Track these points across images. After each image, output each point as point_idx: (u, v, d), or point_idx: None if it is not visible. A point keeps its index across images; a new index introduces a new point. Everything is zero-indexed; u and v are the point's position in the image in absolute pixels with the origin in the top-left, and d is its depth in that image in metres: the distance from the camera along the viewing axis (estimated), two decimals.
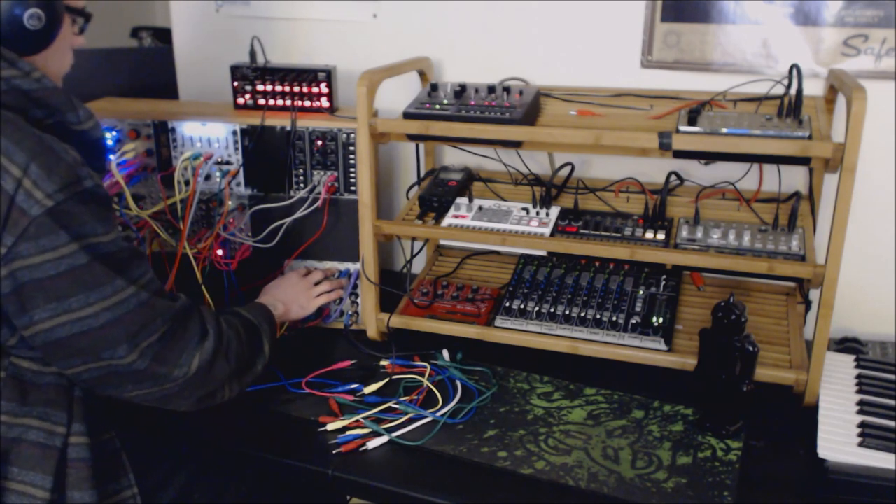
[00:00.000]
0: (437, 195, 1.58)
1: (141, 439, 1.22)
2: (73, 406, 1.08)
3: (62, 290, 0.97)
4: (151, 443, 1.28)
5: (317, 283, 1.56)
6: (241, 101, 1.63)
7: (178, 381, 1.07)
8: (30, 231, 0.94)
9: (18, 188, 0.94)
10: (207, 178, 1.57)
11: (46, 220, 0.95)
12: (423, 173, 1.75)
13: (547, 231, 1.46)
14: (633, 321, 1.45)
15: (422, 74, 1.72)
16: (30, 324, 0.98)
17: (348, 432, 1.26)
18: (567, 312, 1.47)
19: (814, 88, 1.53)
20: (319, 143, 1.55)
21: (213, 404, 1.16)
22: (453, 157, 1.83)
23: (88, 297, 0.98)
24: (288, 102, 1.61)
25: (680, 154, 1.34)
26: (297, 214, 1.57)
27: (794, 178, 1.58)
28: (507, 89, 1.51)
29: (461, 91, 1.51)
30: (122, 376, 1.04)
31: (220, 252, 1.59)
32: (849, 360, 1.42)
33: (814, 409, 1.27)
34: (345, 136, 1.54)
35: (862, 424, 1.21)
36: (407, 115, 1.47)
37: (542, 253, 1.62)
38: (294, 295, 1.50)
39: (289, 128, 1.55)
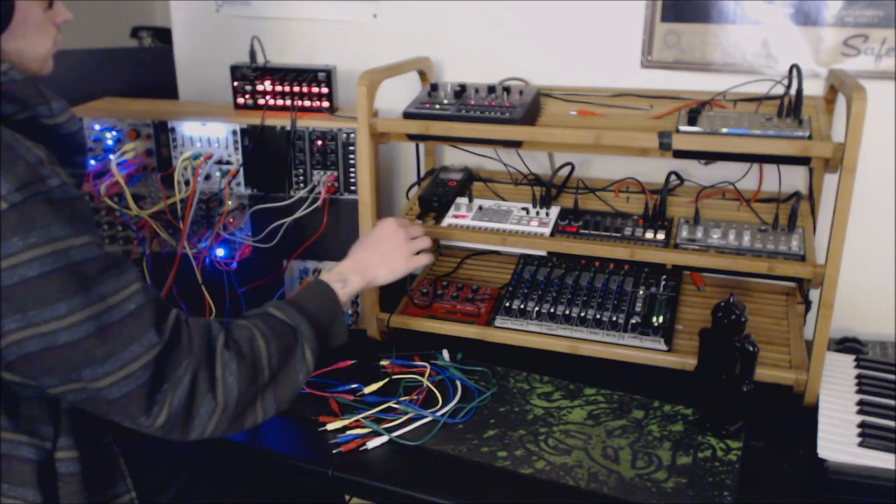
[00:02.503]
0: (437, 195, 1.58)
1: (139, 440, 1.21)
2: (61, 419, 1.01)
3: (21, 301, 0.88)
4: (150, 444, 1.28)
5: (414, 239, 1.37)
6: (241, 101, 1.63)
7: (147, 429, 0.96)
8: None
9: None
10: (207, 178, 1.57)
11: (2, 223, 0.86)
12: (423, 173, 1.75)
13: (547, 231, 1.46)
14: (633, 321, 1.45)
15: (422, 74, 1.72)
16: (1, 335, 0.90)
17: (348, 432, 1.26)
18: (567, 312, 1.48)
19: (814, 88, 1.53)
20: (319, 143, 1.55)
21: (241, 429, 1.04)
22: (453, 157, 1.83)
23: (43, 312, 0.88)
24: (288, 102, 1.61)
25: (680, 154, 1.35)
26: (297, 214, 1.57)
27: (794, 178, 1.58)
28: (507, 89, 1.51)
29: (461, 91, 1.51)
30: (101, 403, 0.94)
31: (220, 252, 1.59)
32: (849, 360, 1.42)
33: (814, 409, 1.27)
34: (345, 136, 1.54)
35: (862, 424, 1.21)
36: (407, 115, 1.47)
37: (542, 253, 1.62)
38: (383, 255, 1.31)
39: (289, 128, 1.55)
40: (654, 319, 1.45)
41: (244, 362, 1.02)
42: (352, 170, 1.56)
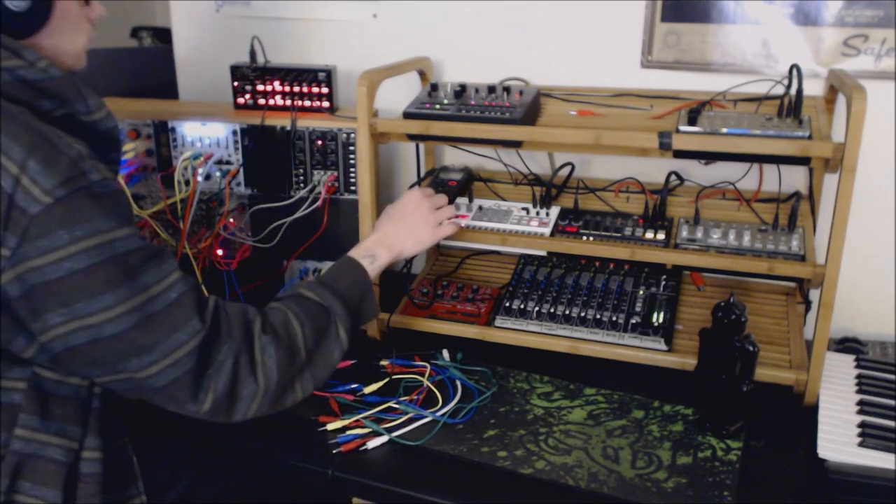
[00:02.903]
0: None
1: (146, 440, 1.21)
2: (90, 419, 1.03)
3: (67, 294, 0.90)
4: (156, 444, 1.28)
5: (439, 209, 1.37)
6: (241, 101, 1.63)
7: (193, 414, 0.99)
8: (30, 231, 0.88)
9: (17, 186, 0.88)
10: (207, 178, 1.57)
11: (46, 218, 0.88)
12: (423, 173, 1.75)
13: (547, 231, 1.46)
14: (633, 321, 1.45)
15: (422, 74, 1.72)
16: (44, 329, 0.92)
17: (348, 432, 1.26)
18: (567, 312, 1.48)
19: (814, 88, 1.53)
20: (319, 143, 1.55)
21: (282, 407, 1.07)
22: (453, 157, 1.83)
23: (90, 304, 0.90)
24: (288, 102, 1.61)
25: (680, 154, 1.35)
26: (297, 214, 1.57)
27: (794, 178, 1.58)
28: (507, 89, 1.51)
29: (461, 91, 1.51)
30: (147, 390, 0.97)
31: (220, 252, 1.59)
32: (849, 360, 1.42)
33: (814, 409, 1.27)
34: (345, 136, 1.54)
35: (862, 424, 1.21)
36: (407, 115, 1.47)
37: (542, 253, 1.62)
38: (410, 227, 1.31)
39: (289, 128, 1.55)
40: (654, 319, 1.45)
41: (281, 345, 1.04)
42: (352, 170, 1.56)
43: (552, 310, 1.49)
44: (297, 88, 1.60)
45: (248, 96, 1.63)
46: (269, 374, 1.02)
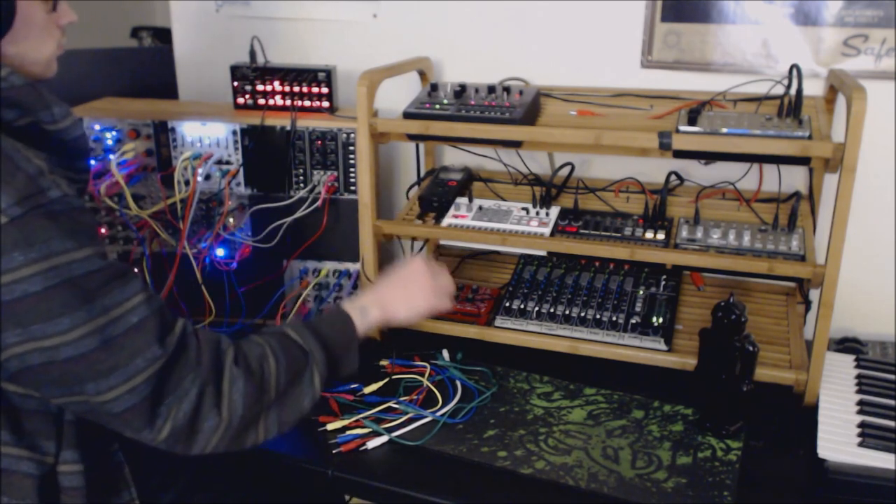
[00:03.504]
0: (437, 195, 1.58)
1: (139, 443, 1.20)
2: (64, 433, 1.00)
3: (22, 316, 0.87)
4: (152, 447, 1.28)
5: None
6: (241, 101, 1.63)
7: (150, 441, 0.95)
8: None
9: None
10: (207, 178, 1.57)
11: (1, 238, 0.84)
12: (423, 173, 1.75)
13: (547, 231, 1.46)
14: (633, 321, 1.45)
15: (422, 74, 1.72)
16: (2, 348, 0.89)
17: (348, 432, 1.26)
18: (567, 312, 1.48)
19: (814, 88, 1.53)
20: (319, 143, 1.55)
21: (242, 446, 1.03)
22: (453, 157, 1.83)
23: (45, 328, 0.87)
24: (288, 102, 1.61)
25: (680, 154, 1.35)
26: (297, 214, 1.57)
27: (794, 178, 1.58)
28: (507, 89, 1.51)
29: (461, 91, 1.51)
30: (103, 415, 0.93)
31: (220, 252, 1.59)
32: (849, 360, 1.42)
33: (814, 409, 1.27)
34: (345, 136, 1.54)
35: (862, 424, 1.21)
36: (407, 115, 1.47)
37: (542, 253, 1.62)
38: (407, 293, 1.27)
39: (289, 128, 1.55)
40: (654, 319, 1.45)
41: (251, 380, 1.01)
42: (352, 170, 1.56)
43: (552, 310, 1.49)
44: (296, 88, 1.60)
45: (247, 96, 1.63)
46: (234, 408, 0.99)
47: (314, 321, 1.16)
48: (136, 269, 1.57)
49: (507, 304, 1.52)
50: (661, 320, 1.44)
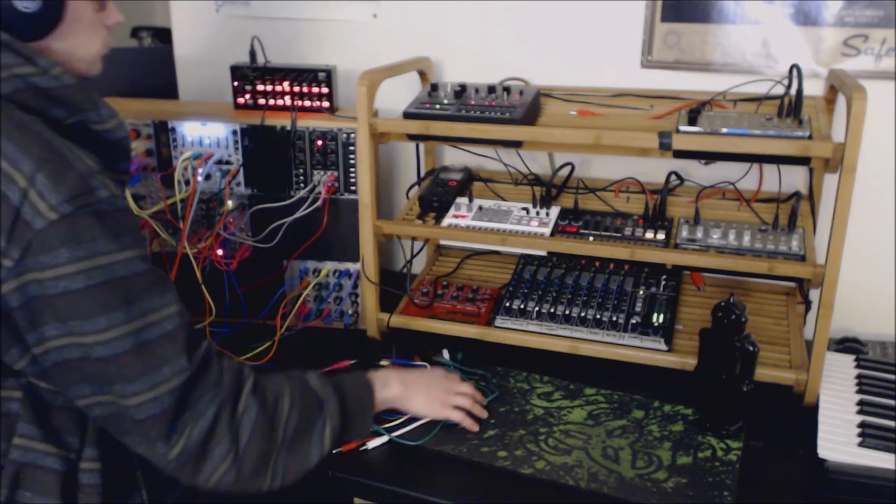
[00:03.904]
0: (437, 195, 1.58)
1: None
2: (87, 430, 1.01)
3: (63, 311, 0.89)
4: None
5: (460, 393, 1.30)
6: (241, 101, 1.63)
7: (160, 458, 0.96)
8: (34, 245, 0.87)
9: (24, 199, 0.87)
10: (207, 177, 1.57)
11: (49, 234, 0.87)
12: (423, 173, 1.75)
13: (547, 231, 1.46)
14: (633, 321, 1.45)
15: (422, 74, 1.72)
16: (40, 340, 0.91)
17: None
18: (567, 312, 1.48)
19: (814, 88, 1.53)
20: (319, 143, 1.55)
21: (248, 489, 1.01)
22: (453, 157, 1.83)
23: (83, 325, 0.89)
24: (288, 102, 1.61)
25: (680, 154, 1.35)
26: (297, 214, 1.57)
27: (794, 178, 1.58)
28: (507, 89, 1.51)
29: (461, 91, 1.51)
30: (124, 422, 0.94)
31: (220, 252, 1.59)
32: (849, 360, 1.42)
33: (814, 409, 1.27)
34: (345, 136, 1.54)
35: (862, 424, 1.21)
36: (407, 115, 1.47)
37: (542, 253, 1.62)
38: (426, 387, 1.27)
39: (289, 128, 1.55)
40: (654, 319, 1.45)
41: (264, 413, 1.02)
42: (352, 170, 1.56)
43: (552, 310, 1.49)
44: (297, 88, 1.60)
45: (248, 96, 1.63)
46: (243, 438, 0.99)
47: (335, 378, 1.17)
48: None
49: (508, 304, 1.52)
50: (661, 320, 1.44)
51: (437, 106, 1.47)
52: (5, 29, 0.95)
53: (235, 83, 1.62)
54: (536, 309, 1.49)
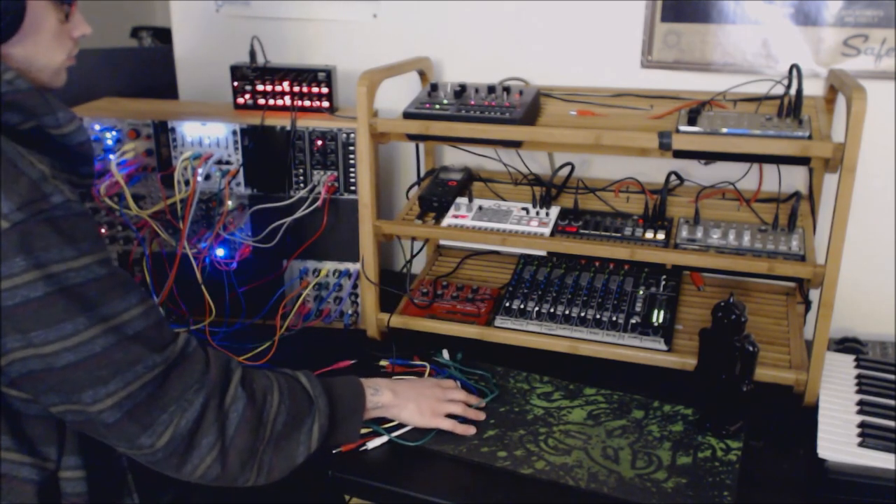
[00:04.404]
0: (437, 195, 1.58)
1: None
2: (66, 439, 1.00)
3: (23, 321, 0.87)
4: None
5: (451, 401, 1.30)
6: (241, 101, 1.63)
7: (146, 451, 0.95)
8: None
9: None
10: (207, 178, 1.57)
11: (3, 243, 0.85)
12: (423, 173, 1.75)
13: (547, 231, 1.46)
14: (633, 321, 1.45)
15: (422, 74, 1.72)
16: (1, 353, 0.89)
17: None
18: (567, 312, 1.47)
19: (814, 88, 1.53)
20: (319, 143, 1.55)
21: (234, 482, 1.02)
22: (453, 157, 1.83)
23: (47, 334, 0.88)
24: (288, 102, 1.61)
25: (680, 154, 1.35)
26: (297, 214, 1.57)
27: (794, 178, 1.58)
28: (507, 89, 1.51)
29: (461, 91, 1.51)
30: (98, 426, 0.93)
31: (220, 252, 1.59)
32: (849, 360, 1.42)
33: (814, 409, 1.27)
34: (345, 136, 1.54)
35: (862, 424, 1.21)
36: (407, 115, 1.47)
37: (542, 253, 1.62)
38: (416, 396, 1.26)
39: (289, 128, 1.55)
40: (654, 319, 1.45)
41: (252, 407, 1.02)
42: (352, 170, 1.56)
43: (552, 310, 1.49)
44: (296, 88, 1.60)
45: (248, 96, 1.62)
46: (229, 430, 0.99)
47: (325, 379, 1.17)
48: (136, 273, 1.57)
49: (507, 304, 1.52)
50: (661, 320, 1.44)
51: (437, 106, 1.47)
52: None
53: (235, 83, 1.62)
54: (536, 309, 1.49)
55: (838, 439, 1.18)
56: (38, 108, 0.95)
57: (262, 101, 1.62)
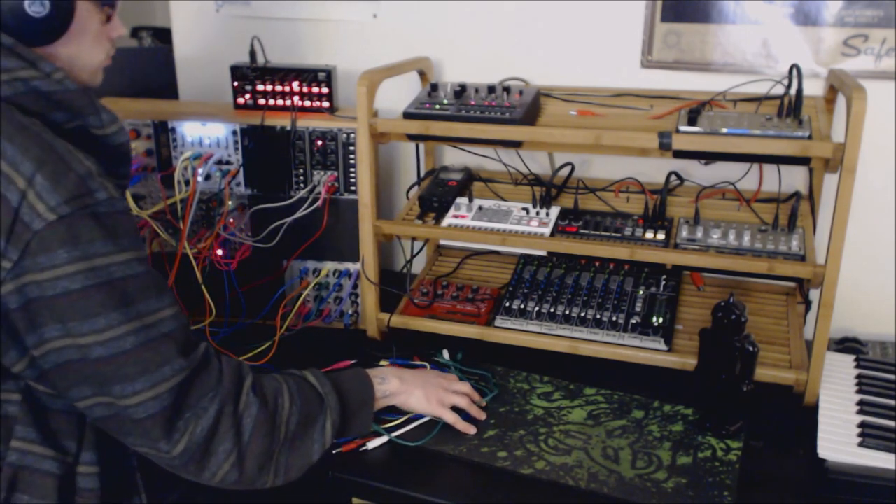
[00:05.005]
0: (437, 195, 1.58)
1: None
2: (85, 435, 1.02)
3: (62, 311, 0.90)
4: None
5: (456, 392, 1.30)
6: (241, 101, 1.63)
7: (164, 455, 0.97)
8: (32, 246, 0.88)
9: (23, 200, 0.87)
10: (207, 178, 1.57)
11: (48, 235, 0.88)
12: (423, 173, 1.75)
13: (547, 231, 1.46)
14: (633, 321, 1.45)
15: (422, 74, 1.72)
16: (40, 342, 0.92)
17: None
18: (567, 312, 1.47)
19: (814, 88, 1.53)
20: (319, 143, 1.55)
21: (251, 485, 1.03)
22: (453, 157, 1.83)
23: (82, 325, 0.90)
24: (288, 102, 1.61)
25: (680, 154, 1.35)
26: (297, 214, 1.57)
27: (794, 178, 1.58)
28: (507, 89, 1.51)
29: (461, 91, 1.51)
30: (124, 422, 0.95)
31: (220, 252, 1.59)
32: (849, 360, 1.42)
33: (814, 409, 1.27)
34: (345, 136, 1.54)
35: (862, 424, 1.21)
36: (407, 115, 1.47)
37: (542, 253, 1.62)
38: (423, 383, 1.27)
39: (289, 128, 1.55)
40: (654, 319, 1.45)
41: (265, 411, 1.03)
42: (352, 170, 1.56)
43: (552, 310, 1.49)
44: (296, 88, 1.60)
45: (248, 96, 1.62)
46: (245, 435, 1.01)
47: (333, 374, 1.18)
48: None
49: (507, 304, 1.52)
50: (661, 320, 1.44)
51: (437, 106, 1.47)
52: (11, 33, 0.96)
53: (235, 83, 1.62)
54: (536, 309, 1.49)
55: (838, 439, 1.18)
56: (84, 109, 0.99)
57: (262, 101, 1.62)
